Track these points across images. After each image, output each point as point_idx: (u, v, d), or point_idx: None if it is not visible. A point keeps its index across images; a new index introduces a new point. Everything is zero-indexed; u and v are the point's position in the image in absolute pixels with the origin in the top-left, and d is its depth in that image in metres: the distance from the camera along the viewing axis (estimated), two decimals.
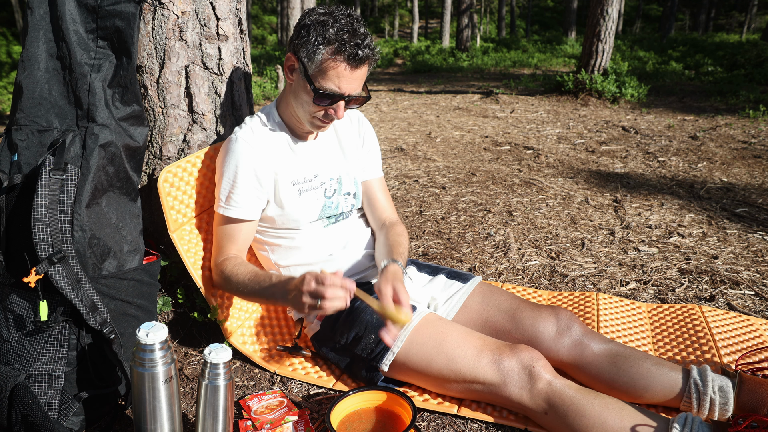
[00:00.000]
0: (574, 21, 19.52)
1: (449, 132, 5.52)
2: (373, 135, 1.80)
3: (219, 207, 1.57)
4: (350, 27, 1.39)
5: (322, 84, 1.42)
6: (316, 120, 1.51)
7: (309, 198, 1.61)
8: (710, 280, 2.23)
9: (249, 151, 1.52)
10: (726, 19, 32.97)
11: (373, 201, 1.78)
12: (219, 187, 1.57)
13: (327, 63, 1.39)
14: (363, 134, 1.77)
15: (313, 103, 1.46)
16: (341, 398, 1.38)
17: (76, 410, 1.32)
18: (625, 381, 1.41)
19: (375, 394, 1.43)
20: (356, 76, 1.43)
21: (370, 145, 1.79)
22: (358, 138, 1.77)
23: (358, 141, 1.77)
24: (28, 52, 1.40)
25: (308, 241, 1.65)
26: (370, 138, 1.79)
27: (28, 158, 1.35)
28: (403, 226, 1.74)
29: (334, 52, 1.38)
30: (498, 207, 3.21)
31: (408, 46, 19.96)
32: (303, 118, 1.53)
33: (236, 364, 1.68)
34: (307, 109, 1.49)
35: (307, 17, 1.43)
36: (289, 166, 1.59)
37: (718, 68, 10.19)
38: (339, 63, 1.39)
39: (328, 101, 1.45)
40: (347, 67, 1.40)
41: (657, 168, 4.00)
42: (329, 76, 1.41)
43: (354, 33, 1.39)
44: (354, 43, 1.38)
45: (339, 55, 1.38)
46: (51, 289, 1.26)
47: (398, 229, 1.69)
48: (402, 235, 1.67)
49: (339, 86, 1.42)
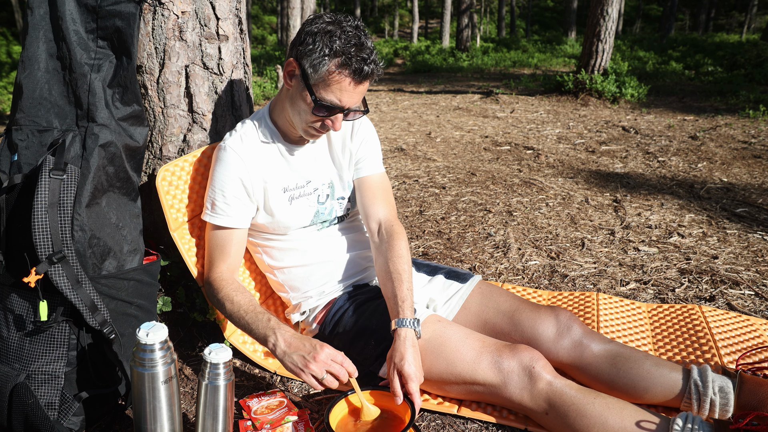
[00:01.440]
0: (574, 21, 19.52)
1: (449, 132, 5.52)
2: (369, 129, 1.69)
3: (205, 214, 1.56)
4: (357, 40, 1.35)
5: (323, 95, 1.38)
6: (311, 129, 1.47)
7: (300, 205, 1.59)
8: (710, 280, 2.23)
9: (236, 161, 1.50)
10: (726, 19, 32.97)
11: (367, 199, 1.64)
12: (206, 194, 1.56)
13: (332, 75, 1.35)
14: (363, 135, 1.67)
15: (312, 113, 1.42)
16: (340, 398, 1.38)
17: (76, 410, 1.32)
18: (626, 382, 1.41)
19: (374, 395, 1.43)
20: (359, 90, 1.40)
21: (363, 137, 1.66)
22: (358, 139, 1.67)
23: (357, 142, 1.67)
24: (28, 52, 1.40)
25: (302, 245, 1.64)
26: (370, 137, 1.68)
27: (28, 158, 1.35)
28: (402, 229, 1.60)
29: (340, 65, 1.34)
30: (498, 207, 3.21)
31: (408, 46, 19.96)
32: (298, 125, 1.49)
33: (236, 364, 1.68)
34: (304, 117, 1.44)
35: (313, 24, 1.38)
36: (280, 173, 1.57)
37: (718, 68, 10.19)
38: (344, 77, 1.35)
39: (327, 113, 1.41)
40: (351, 82, 1.36)
41: (657, 168, 4.00)
42: (332, 89, 1.37)
43: (361, 47, 1.35)
44: (361, 57, 1.34)
45: (345, 68, 1.34)
46: (51, 289, 1.26)
47: (398, 247, 1.53)
48: (403, 257, 1.51)
49: (340, 99, 1.39)
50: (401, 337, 1.37)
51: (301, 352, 1.32)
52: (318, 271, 1.64)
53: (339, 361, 1.32)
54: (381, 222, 1.61)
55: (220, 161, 1.53)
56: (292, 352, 1.33)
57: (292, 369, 1.33)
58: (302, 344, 1.33)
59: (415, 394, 1.33)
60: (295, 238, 1.63)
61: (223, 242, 1.55)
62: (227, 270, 1.54)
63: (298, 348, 1.33)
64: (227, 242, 1.55)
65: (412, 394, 1.33)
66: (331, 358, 1.31)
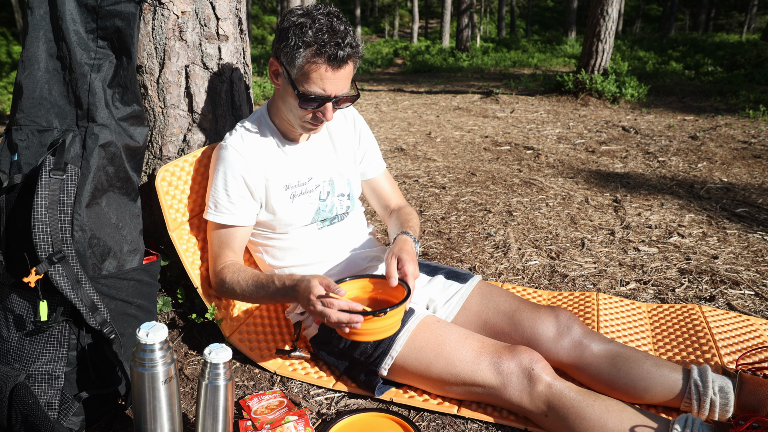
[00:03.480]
0: (574, 21, 19.52)
1: (449, 132, 5.52)
2: (368, 130, 1.78)
3: (208, 213, 1.56)
4: (329, 27, 1.35)
5: (306, 88, 1.39)
6: (307, 123, 1.49)
7: (302, 202, 1.60)
8: (710, 280, 2.23)
9: (238, 159, 1.51)
10: (726, 19, 32.97)
11: (379, 192, 1.84)
12: (208, 193, 1.57)
13: (308, 66, 1.36)
14: (359, 131, 1.75)
15: (300, 108, 1.43)
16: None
17: (76, 410, 1.32)
18: (626, 382, 1.41)
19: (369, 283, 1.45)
20: (340, 76, 1.40)
21: (368, 142, 1.77)
22: (354, 135, 1.75)
23: (354, 139, 1.75)
24: (28, 52, 1.40)
25: (302, 244, 1.64)
26: (366, 134, 1.77)
27: (28, 158, 1.35)
28: (411, 207, 1.79)
29: (314, 54, 1.35)
30: (498, 207, 3.21)
31: (408, 46, 19.96)
32: (294, 122, 1.52)
33: (236, 364, 1.68)
34: (296, 113, 1.47)
35: (285, 20, 1.40)
36: (281, 170, 1.58)
37: (718, 68, 10.19)
38: (320, 65, 1.36)
39: (315, 104, 1.42)
40: (328, 68, 1.36)
41: (657, 168, 4.00)
42: (312, 79, 1.38)
43: (334, 32, 1.35)
44: (334, 43, 1.34)
45: (319, 57, 1.34)
46: (51, 289, 1.26)
47: (407, 209, 1.76)
48: (411, 213, 1.73)
49: (324, 88, 1.39)
50: (402, 238, 1.50)
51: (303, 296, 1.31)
52: (318, 270, 1.65)
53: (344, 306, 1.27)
54: (393, 207, 1.81)
55: (222, 160, 1.53)
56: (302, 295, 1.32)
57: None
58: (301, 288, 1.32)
59: (411, 276, 1.37)
60: (295, 237, 1.63)
61: (226, 240, 1.56)
62: (233, 258, 1.56)
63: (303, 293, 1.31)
64: (230, 240, 1.56)
65: (408, 275, 1.37)
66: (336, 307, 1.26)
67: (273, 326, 1.84)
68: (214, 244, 1.58)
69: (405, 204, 1.82)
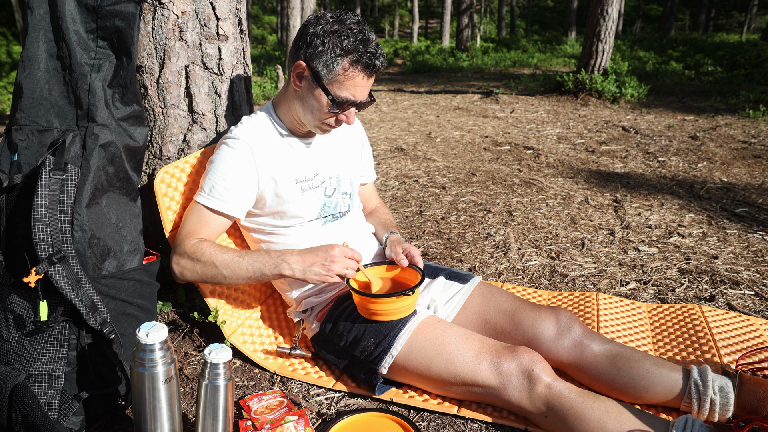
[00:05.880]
0: (574, 21, 19.52)
1: (449, 132, 5.52)
2: (367, 140, 1.88)
3: (200, 196, 1.52)
4: (363, 36, 1.42)
5: (338, 93, 1.44)
6: (325, 125, 1.53)
7: (311, 196, 1.61)
8: (710, 280, 2.23)
9: (245, 150, 1.51)
10: (726, 19, 32.97)
11: (363, 194, 1.95)
12: (204, 177, 1.53)
13: (346, 73, 1.42)
14: (361, 139, 1.84)
15: (327, 111, 1.47)
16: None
17: (76, 410, 1.32)
18: (626, 382, 1.41)
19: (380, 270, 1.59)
20: (369, 83, 1.48)
21: (368, 151, 1.88)
22: (358, 142, 1.82)
23: (358, 145, 1.82)
24: (28, 52, 1.40)
25: (306, 239, 1.64)
26: (367, 143, 1.87)
27: (28, 158, 1.35)
28: (386, 207, 2.01)
29: (353, 62, 1.41)
30: (498, 207, 3.21)
31: (408, 46, 19.95)
32: (310, 123, 1.54)
33: (236, 364, 1.68)
34: (317, 115, 1.50)
35: (317, 25, 1.42)
36: (290, 164, 1.59)
37: (718, 68, 10.19)
38: (357, 72, 1.42)
39: (342, 109, 1.47)
40: (364, 77, 1.44)
41: (657, 168, 4.00)
42: (346, 86, 1.43)
43: (368, 42, 1.42)
44: (370, 53, 1.41)
45: (357, 65, 1.41)
46: (51, 289, 1.26)
47: (383, 209, 1.95)
48: (389, 214, 1.94)
49: (354, 94, 1.45)
50: (395, 236, 1.69)
51: (318, 262, 1.44)
52: None
53: (349, 255, 1.46)
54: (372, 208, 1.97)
55: (229, 148, 1.52)
56: (310, 266, 1.44)
57: (318, 280, 1.45)
58: (315, 256, 1.45)
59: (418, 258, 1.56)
60: (299, 232, 1.64)
61: (207, 222, 1.52)
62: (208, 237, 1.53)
63: (313, 261, 1.44)
64: (212, 223, 1.53)
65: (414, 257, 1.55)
66: (343, 254, 1.44)
67: (273, 327, 1.84)
68: (192, 220, 1.53)
69: (381, 204, 1.99)
